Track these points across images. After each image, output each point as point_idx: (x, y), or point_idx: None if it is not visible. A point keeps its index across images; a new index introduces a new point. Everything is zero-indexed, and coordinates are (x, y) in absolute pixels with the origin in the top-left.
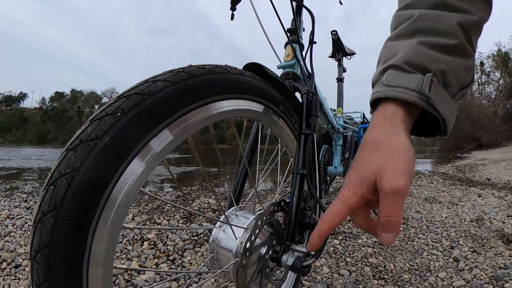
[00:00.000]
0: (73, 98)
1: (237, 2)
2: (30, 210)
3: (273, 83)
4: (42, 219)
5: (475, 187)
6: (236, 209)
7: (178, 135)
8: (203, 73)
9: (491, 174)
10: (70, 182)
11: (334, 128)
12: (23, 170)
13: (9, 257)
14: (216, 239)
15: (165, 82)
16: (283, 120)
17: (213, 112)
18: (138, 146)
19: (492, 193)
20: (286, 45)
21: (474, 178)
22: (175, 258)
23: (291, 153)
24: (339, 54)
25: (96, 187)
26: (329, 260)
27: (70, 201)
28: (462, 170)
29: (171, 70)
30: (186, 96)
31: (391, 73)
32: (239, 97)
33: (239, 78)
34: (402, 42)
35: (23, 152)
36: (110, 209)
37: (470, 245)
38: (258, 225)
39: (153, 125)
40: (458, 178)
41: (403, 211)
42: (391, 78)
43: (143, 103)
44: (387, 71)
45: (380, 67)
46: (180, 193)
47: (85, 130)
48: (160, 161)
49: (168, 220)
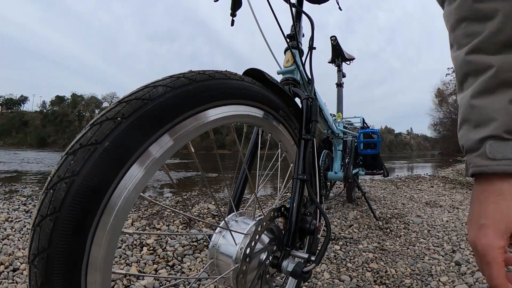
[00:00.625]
0: (74, 102)
1: (237, 8)
2: (29, 213)
3: (273, 88)
4: (41, 223)
5: None
6: (236, 214)
7: (178, 140)
8: (203, 79)
9: None
10: (70, 186)
11: (334, 133)
12: (22, 173)
13: (7, 260)
14: (216, 245)
15: (165, 88)
16: (283, 125)
17: (213, 118)
18: (138, 151)
19: None
20: (286, 51)
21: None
22: (174, 263)
23: (291, 159)
24: (338, 60)
25: (95, 192)
26: (330, 265)
27: (69, 205)
28: (462, 174)
29: (171, 75)
30: (186, 102)
31: (493, 145)
32: (239, 102)
33: (239, 84)
34: (491, 102)
35: (23, 155)
36: (110, 214)
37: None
38: (258, 231)
39: (153, 130)
40: (458, 182)
41: (404, 216)
42: (495, 151)
43: (143, 108)
44: (487, 142)
45: (472, 131)
46: (180, 198)
47: (85, 134)
48: (160, 166)
49: (168, 226)
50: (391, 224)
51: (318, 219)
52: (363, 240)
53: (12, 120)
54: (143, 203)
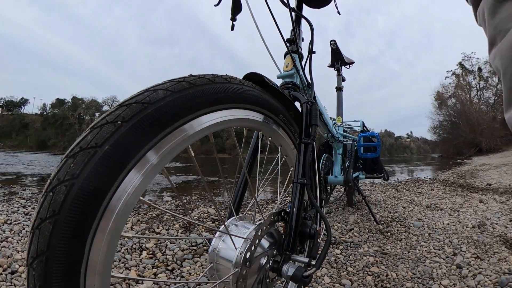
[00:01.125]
0: (74, 105)
1: (237, 12)
2: (28, 216)
3: (272, 92)
4: (40, 226)
5: (476, 193)
6: (236, 219)
7: (178, 144)
8: (204, 83)
9: (492, 179)
10: (69, 189)
11: (334, 137)
12: (22, 176)
13: (5, 262)
14: (216, 249)
15: (166, 92)
16: (283, 129)
17: (213, 122)
18: (138, 154)
19: (494, 198)
20: (286, 55)
21: (475, 184)
22: (174, 268)
23: (291, 162)
24: (338, 64)
25: (95, 195)
26: (331, 270)
27: (69, 208)
28: (462, 176)
29: (172, 79)
30: (186, 106)
31: None
32: (239, 106)
33: (239, 88)
34: None
35: (23, 158)
36: (109, 218)
37: (473, 251)
38: (258, 235)
39: (153, 134)
40: (459, 185)
41: (405, 219)
42: None
43: (143, 111)
44: None
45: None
46: (180, 202)
47: (85, 137)
48: (159, 170)
49: (167, 230)
50: (392, 228)
51: (318, 223)
52: (363, 244)
53: (12, 122)
54: (142, 206)
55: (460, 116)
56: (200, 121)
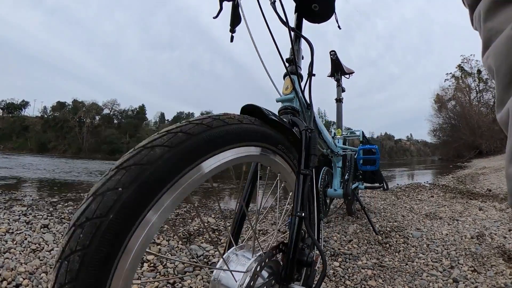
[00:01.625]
0: (75, 108)
1: (236, 24)
2: (29, 224)
3: (271, 124)
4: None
5: (476, 200)
6: (236, 249)
7: (177, 197)
8: (201, 131)
9: (492, 184)
10: (83, 259)
11: (333, 152)
12: (22, 180)
13: (10, 276)
14: (217, 279)
15: (163, 148)
16: (281, 157)
17: (213, 166)
18: (141, 216)
19: (493, 206)
20: (285, 76)
21: (475, 190)
22: (175, 281)
23: (290, 188)
24: (337, 74)
25: (105, 262)
26: (329, 283)
27: (85, 274)
28: (463, 181)
29: (168, 130)
30: (184, 159)
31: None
32: (238, 145)
33: (238, 128)
34: None
35: (23, 160)
36: (119, 277)
37: (470, 264)
38: (257, 271)
39: (153, 195)
40: (459, 191)
41: (404, 229)
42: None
43: (143, 174)
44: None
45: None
46: (179, 211)
47: (89, 206)
48: (161, 224)
49: (168, 240)
50: (391, 239)
51: (315, 251)
52: (362, 256)
53: (12, 124)
54: None
55: (460, 118)
56: (200, 169)
